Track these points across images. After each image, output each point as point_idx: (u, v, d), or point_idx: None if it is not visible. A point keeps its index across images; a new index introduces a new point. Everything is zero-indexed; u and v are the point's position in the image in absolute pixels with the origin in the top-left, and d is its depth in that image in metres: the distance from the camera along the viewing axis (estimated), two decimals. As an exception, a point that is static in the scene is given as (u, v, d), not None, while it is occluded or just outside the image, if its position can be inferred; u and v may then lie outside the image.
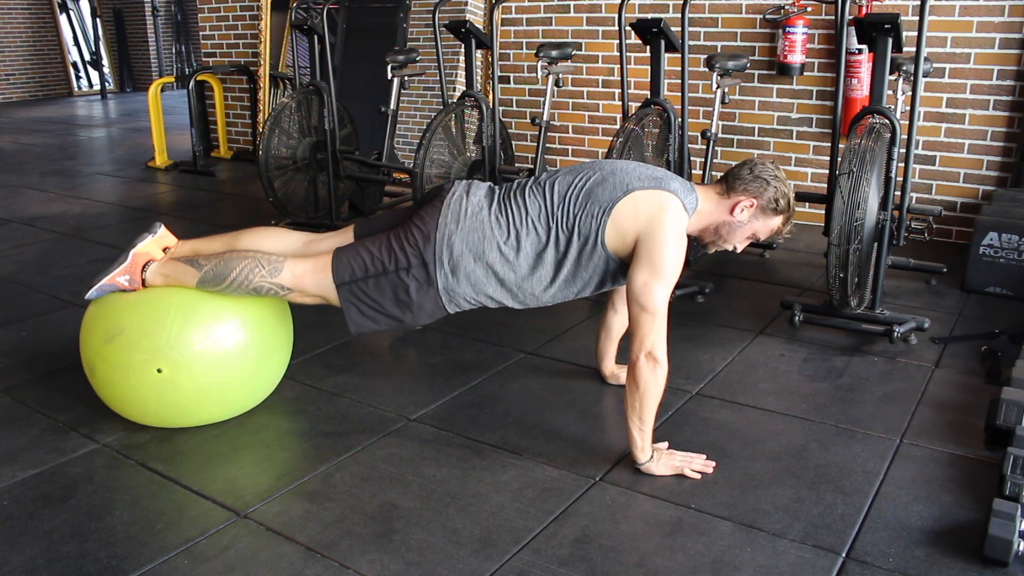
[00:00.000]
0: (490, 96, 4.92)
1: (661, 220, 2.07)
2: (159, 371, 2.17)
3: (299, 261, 2.20)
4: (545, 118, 4.07)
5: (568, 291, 2.22)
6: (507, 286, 2.18)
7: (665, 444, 2.21)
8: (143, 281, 2.28)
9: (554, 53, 4.01)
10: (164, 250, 2.34)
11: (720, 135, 4.53)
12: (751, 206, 2.21)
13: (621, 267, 2.17)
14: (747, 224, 2.23)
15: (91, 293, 2.28)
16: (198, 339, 2.20)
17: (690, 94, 3.90)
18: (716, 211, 2.22)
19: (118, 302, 2.27)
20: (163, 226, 2.37)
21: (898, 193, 3.07)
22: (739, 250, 2.32)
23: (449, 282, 2.14)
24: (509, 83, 5.27)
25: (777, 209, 2.22)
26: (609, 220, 2.11)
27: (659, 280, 2.03)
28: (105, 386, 2.30)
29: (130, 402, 2.29)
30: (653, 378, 2.04)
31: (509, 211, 2.17)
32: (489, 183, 2.30)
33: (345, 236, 2.33)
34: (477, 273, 2.14)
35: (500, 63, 5.21)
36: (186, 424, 2.36)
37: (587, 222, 2.12)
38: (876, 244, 2.95)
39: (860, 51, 3.99)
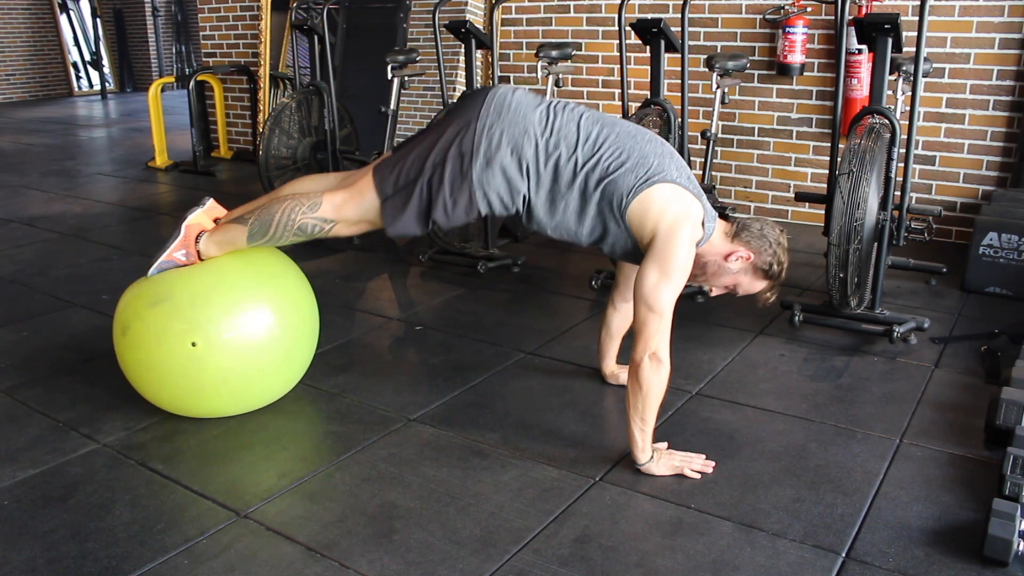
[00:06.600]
0: (490, 96, 4.91)
1: (682, 225, 2.06)
2: (193, 344, 2.19)
3: (337, 192, 2.20)
4: (545, 118, 4.07)
5: (571, 225, 2.15)
6: (530, 183, 2.10)
7: (665, 444, 2.21)
8: (198, 253, 2.31)
9: (554, 53, 4.02)
10: (215, 221, 2.36)
11: (720, 135, 4.53)
12: (746, 259, 2.20)
13: (621, 236, 2.14)
14: (733, 274, 2.23)
15: (152, 271, 2.31)
16: (240, 324, 2.25)
17: (690, 94, 3.91)
18: (717, 248, 2.21)
19: (174, 272, 2.30)
20: (212, 199, 2.39)
21: (898, 193, 3.07)
22: (712, 294, 2.31)
23: (484, 175, 2.08)
24: (509, 83, 5.27)
25: (768, 274, 2.22)
26: (644, 192, 2.06)
27: (668, 282, 2.03)
28: (134, 349, 2.29)
29: (154, 370, 2.29)
30: (656, 378, 2.04)
31: (558, 119, 2.11)
32: None
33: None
34: (511, 169, 2.08)
35: (500, 63, 5.21)
36: (196, 412, 2.38)
37: (626, 178, 2.07)
38: (876, 244, 2.96)
39: (860, 51, 3.99)
